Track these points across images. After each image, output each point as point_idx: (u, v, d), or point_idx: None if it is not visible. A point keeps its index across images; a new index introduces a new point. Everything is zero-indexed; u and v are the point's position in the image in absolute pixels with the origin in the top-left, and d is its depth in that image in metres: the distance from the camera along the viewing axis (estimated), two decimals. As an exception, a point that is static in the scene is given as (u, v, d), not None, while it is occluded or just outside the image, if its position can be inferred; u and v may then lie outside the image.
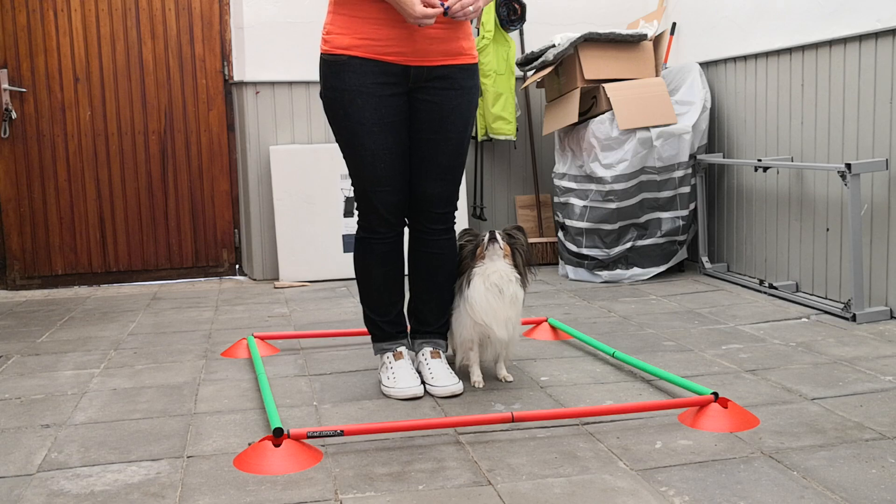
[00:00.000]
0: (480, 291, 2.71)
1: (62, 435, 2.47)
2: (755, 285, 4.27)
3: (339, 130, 2.71)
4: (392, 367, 2.79)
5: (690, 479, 2.06)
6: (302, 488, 2.07)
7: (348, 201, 4.96)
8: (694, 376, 2.86)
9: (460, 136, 2.75)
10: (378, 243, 2.77)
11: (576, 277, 4.71)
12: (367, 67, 2.62)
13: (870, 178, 3.63)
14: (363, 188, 2.72)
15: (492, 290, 2.72)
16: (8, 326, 3.97)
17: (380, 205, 2.71)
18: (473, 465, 2.17)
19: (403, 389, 2.72)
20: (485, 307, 2.71)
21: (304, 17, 5.00)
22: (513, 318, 2.76)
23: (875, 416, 2.44)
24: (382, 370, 2.83)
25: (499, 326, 2.72)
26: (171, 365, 3.21)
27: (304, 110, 5.06)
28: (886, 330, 3.40)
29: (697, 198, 4.67)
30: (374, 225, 2.75)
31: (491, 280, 2.72)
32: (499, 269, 2.74)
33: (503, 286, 2.72)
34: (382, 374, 2.82)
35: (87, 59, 4.90)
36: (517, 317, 2.78)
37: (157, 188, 5.06)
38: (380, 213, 2.73)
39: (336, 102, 2.67)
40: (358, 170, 2.71)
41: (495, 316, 2.71)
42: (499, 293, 2.72)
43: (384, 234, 2.76)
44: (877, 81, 3.58)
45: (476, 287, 2.72)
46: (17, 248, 4.92)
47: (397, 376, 2.76)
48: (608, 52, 4.64)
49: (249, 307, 4.28)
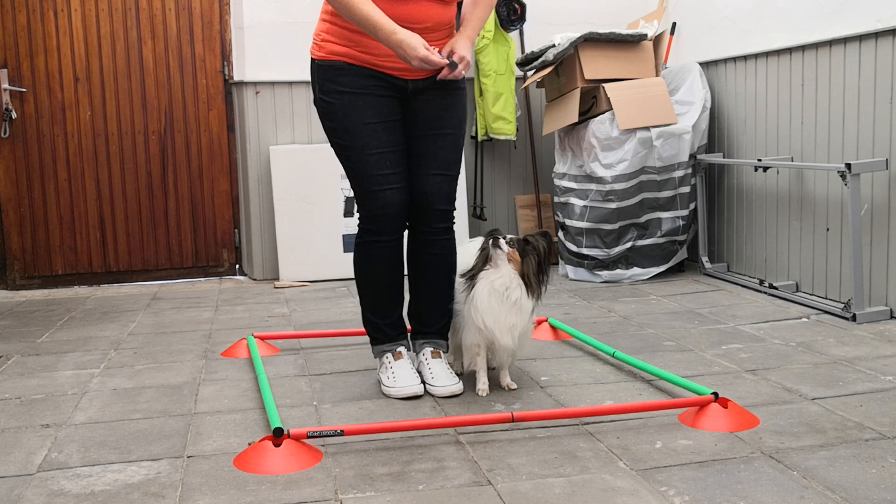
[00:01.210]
0: (484, 296, 2.67)
1: (62, 435, 2.47)
2: (755, 285, 4.27)
3: (339, 134, 2.68)
4: (392, 367, 2.79)
5: (690, 479, 2.06)
6: (302, 488, 2.07)
7: (348, 201, 4.96)
8: (694, 376, 2.86)
9: (457, 130, 2.79)
10: (384, 246, 2.76)
11: (576, 277, 4.71)
12: (365, 72, 2.64)
13: (870, 178, 3.63)
14: (369, 190, 2.68)
15: (495, 294, 2.66)
16: (8, 326, 3.97)
17: (389, 205, 2.69)
18: (473, 465, 2.17)
19: (403, 388, 2.72)
20: (487, 311, 2.66)
21: (304, 17, 5.00)
22: (518, 326, 2.68)
23: (875, 416, 2.44)
24: (382, 371, 2.83)
25: (502, 333, 2.67)
26: (171, 365, 3.21)
27: (304, 110, 5.06)
28: (886, 330, 3.40)
29: (697, 198, 4.67)
30: (380, 227, 2.72)
31: (494, 285, 2.67)
32: (503, 274, 2.68)
33: (508, 292, 2.67)
34: (382, 374, 2.82)
35: (87, 59, 4.90)
36: (524, 325, 2.70)
37: (157, 188, 5.06)
38: (388, 214, 2.70)
39: (334, 106, 2.66)
40: (362, 172, 2.68)
41: (496, 321, 2.66)
42: (503, 299, 2.66)
43: (390, 236, 2.75)
44: (877, 81, 3.58)
45: (480, 291, 2.69)
46: (17, 248, 4.92)
47: (397, 376, 2.76)
48: (608, 52, 4.64)
49: (249, 307, 4.28)
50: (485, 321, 2.67)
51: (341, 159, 2.73)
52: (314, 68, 2.71)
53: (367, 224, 2.74)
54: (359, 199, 2.73)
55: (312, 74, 2.72)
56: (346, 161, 2.71)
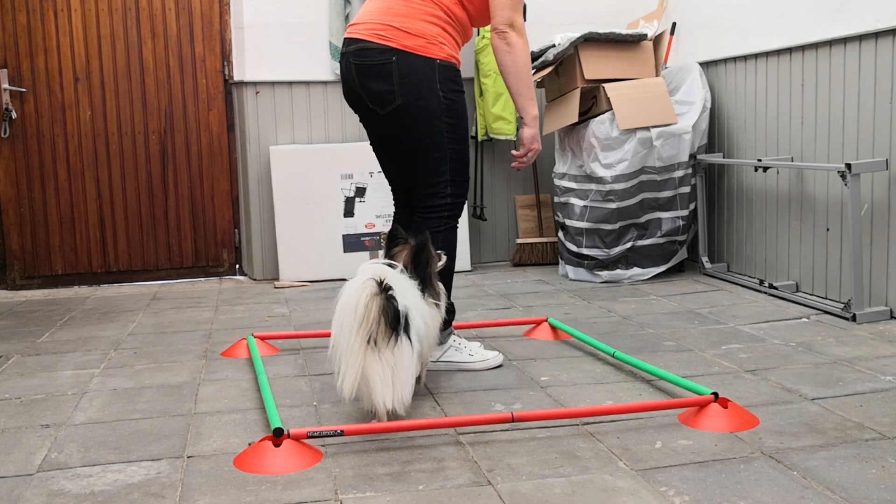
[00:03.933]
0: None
1: (62, 435, 2.47)
2: (755, 285, 4.27)
3: (457, 129, 2.90)
4: (465, 346, 3.02)
5: (690, 479, 2.06)
6: (302, 488, 2.07)
7: (348, 201, 4.96)
8: (694, 376, 2.86)
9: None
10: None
11: (576, 277, 4.71)
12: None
13: (870, 178, 3.63)
14: (466, 178, 2.97)
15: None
16: (8, 326, 3.97)
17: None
18: (473, 465, 2.17)
19: (492, 359, 3.03)
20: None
21: (304, 17, 5.00)
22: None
23: (875, 416, 2.44)
24: (454, 352, 2.98)
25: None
26: (171, 365, 3.21)
27: (304, 110, 5.06)
28: (886, 330, 3.40)
29: (697, 198, 4.67)
30: (461, 212, 2.98)
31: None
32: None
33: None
34: (457, 354, 2.98)
35: (87, 59, 4.90)
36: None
37: (157, 188, 5.06)
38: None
39: (457, 104, 2.89)
40: (466, 162, 2.96)
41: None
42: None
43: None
44: (877, 81, 3.58)
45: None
46: (17, 248, 4.92)
47: (474, 351, 3.00)
48: (608, 52, 4.64)
49: (249, 307, 4.28)
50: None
51: (451, 153, 2.90)
52: (435, 67, 2.82)
53: (457, 210, 2.96)
54: (456, 188, 2.94)
55: (428, 73, 2.81)
56: (456, 153, 2.91)
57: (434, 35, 2.80)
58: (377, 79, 2.81)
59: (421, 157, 2.87)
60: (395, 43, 2.77)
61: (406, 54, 2.77)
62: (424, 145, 2.85)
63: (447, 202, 2.92)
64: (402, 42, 2.77)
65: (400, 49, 2.77)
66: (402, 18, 2.79)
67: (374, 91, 2.83)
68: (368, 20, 2.85)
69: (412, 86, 2.79)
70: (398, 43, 2.77)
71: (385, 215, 4.97)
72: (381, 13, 2.83)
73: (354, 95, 2.91)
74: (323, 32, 5.04)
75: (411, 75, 2.78)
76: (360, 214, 4.97)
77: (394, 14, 2.80)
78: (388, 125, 2.89)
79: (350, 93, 2.93)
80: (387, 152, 3.03)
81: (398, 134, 2.89)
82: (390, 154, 3.02)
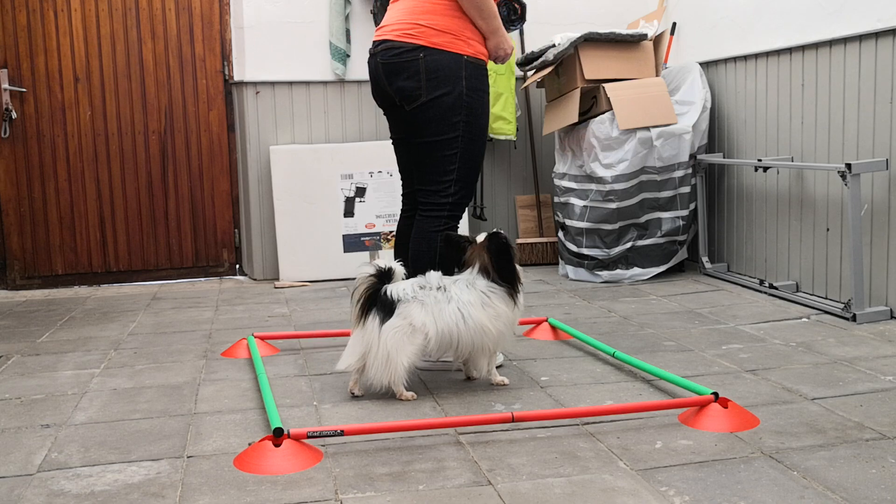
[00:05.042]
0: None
1: (62, 435, 2.47)
2: (755, 285, 4.27)
3: (475, 128, 2.92)
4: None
5: (690, 478, 2.06)
6: (302, 488, 2.07)
7: (348, 201, 4.96)
8: (694, 376, 2.86)
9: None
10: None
11: (576, 277, 4.71)
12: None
13: (870, 178, 3.63)
14: (475, 179, 3.00)
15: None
16: (8, 326, 3.97)
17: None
18: (473, 465, 2.17)
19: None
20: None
21: (304, 17, 5.00)
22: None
23: (875, 416, 2.44)
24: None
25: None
26: (172, 365, 3.21)
27: (304, 110, 5.06)
28: (886, 330, 3.40)
29: (697, 198, 4.67)
30: (462, 212, 3.00)
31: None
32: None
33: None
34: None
35: (87, 59, 4.90)
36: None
37: (158, 188, 5.06)
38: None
39: (480, 103, 2.92)
40: (478, 163, 2.99)
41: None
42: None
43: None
44: (877, 81, 3.58)
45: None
46: (17, 248, 4.92)
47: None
48: (608, 52, 4.64)
49: (249, 307, 4.28)
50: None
51: (463, 152, 2.91)
52: (462, 63, 2.85)
53: (458, 211, 2.98)
54: (461, 189, 2.96)
55: (455, 68, 2.85)
56: (468, 153, 2.93)
57: (460, 30, 2.86)
58: (405, 76, 2.87)
59: (433, 153, 2.92)
60: (422, 40, 2.83)
61: (433, 51, 2.83)
62: (438, 141, 2.90)
63: (448, 202, 2.94)
64: (429, 39, 2.83)
65: (427, 46, 2.83)
66: (428, 16, 2.85)
67: (402, 88, 2.89)
68: (396, 20, 2.91)
69: (438, 81, 2.84)
70: (426, 40, 2.83)
71: (385, 215, 4.97)
72: (408, 12, 2.89)
73: (384, 95, 2.99)
74: (323, 32, 5.04)
75: (438, 70, 2.84)
76: (360, 214, 4.97)
77: (420, 12, 2.86)
78: (412, 119, 2.94)
79: (380, 92, 3.01)
80: (405, 145, 3.08)
81: (418, 128, 2.93)
82: (407, 147, 3.07)
